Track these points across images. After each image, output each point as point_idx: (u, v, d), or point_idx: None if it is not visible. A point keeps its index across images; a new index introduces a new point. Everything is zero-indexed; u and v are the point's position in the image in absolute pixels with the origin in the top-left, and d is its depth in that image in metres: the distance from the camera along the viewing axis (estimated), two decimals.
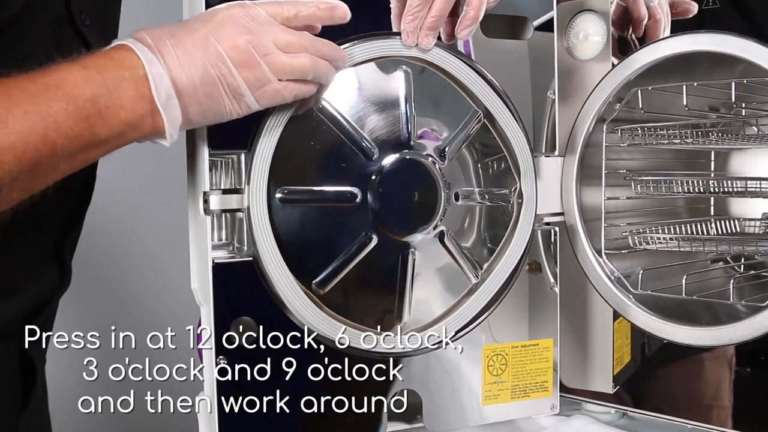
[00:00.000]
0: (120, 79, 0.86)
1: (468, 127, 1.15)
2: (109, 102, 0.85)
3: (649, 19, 1.25)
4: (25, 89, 0.82)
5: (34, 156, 0.81)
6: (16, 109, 0.80)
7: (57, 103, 0.82)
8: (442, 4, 1.05)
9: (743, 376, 1.18)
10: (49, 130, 0.82)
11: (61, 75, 0.84)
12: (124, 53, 0.87)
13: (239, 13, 0.93)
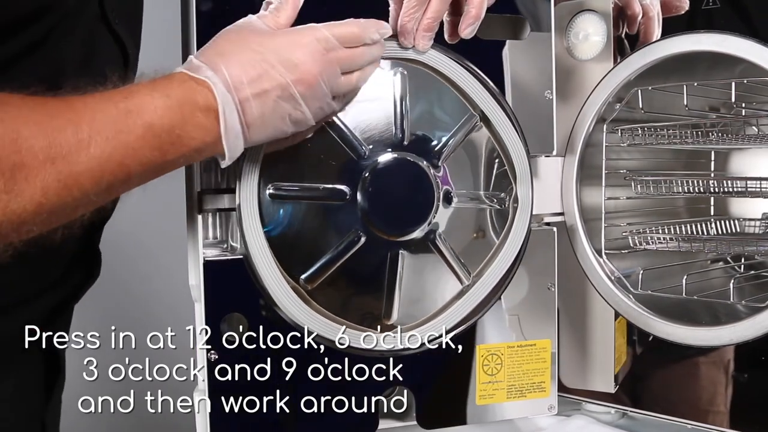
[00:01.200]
0: (195, 112, 0.89)
1: (463, 129, 1.15)
2: (182, 132, 0.89)
3: (643, 16, 1.24)
4: (108, 113, 0.85)
5: (110, 180, 0.85)
6: (98, 136, 0.83)
7: (136, 131, 0.86)
8: (438, 5, 1.05)
9: (743, 378, 1.17)
10: (126, 157, 0.85)
11: (142, 101, 0.87)
12: (203, 89, 0.90)
13: (313, 43, 0.96)
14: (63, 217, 0.86)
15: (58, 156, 0.81)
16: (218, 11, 1.01)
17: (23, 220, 0.81)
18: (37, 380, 1.12)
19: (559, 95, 1.22)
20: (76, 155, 0.82)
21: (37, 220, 0.82)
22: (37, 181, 0.80)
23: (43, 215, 0.82)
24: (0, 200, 0.79)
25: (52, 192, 0.81)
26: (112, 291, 1.17)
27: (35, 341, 1.09)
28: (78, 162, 0.82)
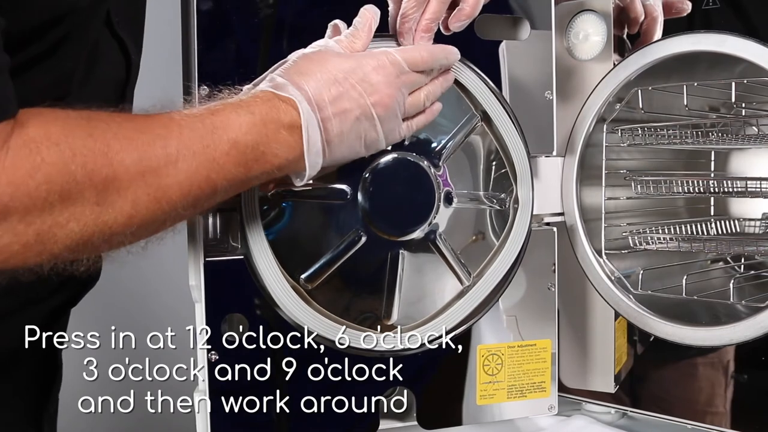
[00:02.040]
0: (279, 129, 0.92)
1: (464, 129, 1.15)
2: (267, 149, 0.91)
3: (646, 17, 1.24)
4: (195, 129, 0.87)
5: (197, 194, 0.87)
6: (186, 150, 0.85)
7: (222, 147, 0.88)
8: (436, 6, 1.05)
9: (743, 378, 1.17)
10: (213, 171, 0.87)
11: (228, 118, 0.89)
12: (287, 107, 0.93)
13: (388, 67, 1.00)
14: (152, 230, 0.88)
15: (148, 170, 0.83)
16: (218, 10, 1.01)
17: (114, 231, 0.82)
18: (36, 381, 1.12)
19: (559, 95, 1.22)
20: (165, 169, 0.84)
21: (127, 232, 0.84)
22: (128, 194, 0.82)
23: (134, 227, 0.84)
24: (92, 212, 0.80)
25: (142, 205, 0.83)
26: (112, 291, 1.17)
27: (34, 343, 1.09)
28: (167, 176, 0.84)
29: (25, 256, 0.79)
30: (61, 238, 0.79)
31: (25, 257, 0.80)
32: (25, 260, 0.80)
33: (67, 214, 0.79)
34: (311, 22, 1.06)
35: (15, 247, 0.78)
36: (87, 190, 0.80)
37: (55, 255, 0.81)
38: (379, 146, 1.01)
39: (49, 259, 0.82)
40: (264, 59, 1.03)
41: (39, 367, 1.11)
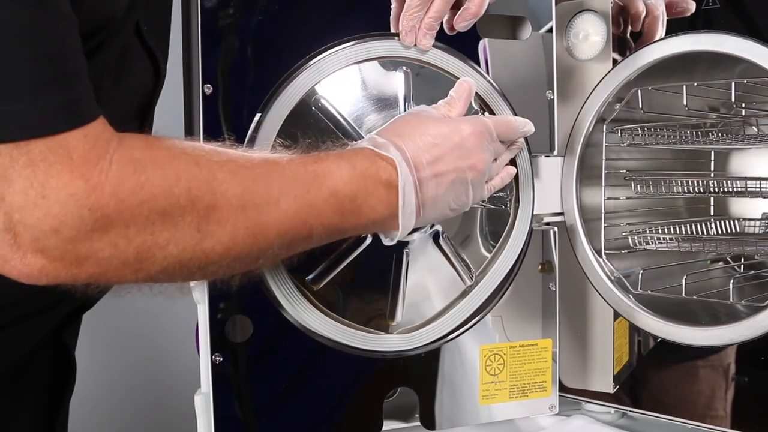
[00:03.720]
0: (377, 185, 0.95)
1: None
2: (363, 202, 0.94)
3: (647, 15, 1.24)
4: (298, 173, 0.90)
5: (293, 236, 0.89)
6: (287, 192, 0.88)
7: (321, 194, 0.90)
8: (440, 5, 1.06)
9: (742, 378, 1.17)
10: (311, 216, 0.89)
11: (329, 167, 0.92)
12: (387, 166, 0.96)
13: (484, 135, 1.04)
14: (245, 265, 0.89)
15: (249, 205, 0.84)
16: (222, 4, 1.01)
17: (210, 260, 0.83)
18: (50, 384, 1.12)
19: (559, 95, 1.22)
20: (266, 207, 0.85)
21: (222, 263, 0.85)
22: (228, 225, 0.83)
23: (229, 259, 0.85)
24: (192, 237, 0.81)
25: (240, 238, 0.84)
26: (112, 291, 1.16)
27: (49, 346, 1.09)
28: (267, 213, 0.86)
29: (123, 273, 0.79)
30: (159, 259, 0.80)
31: (122, 273, 0.80)
32: (122, 277, 0.80)
33: (168, 235, 0.79)
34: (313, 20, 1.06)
35: (115, 262, 0.78)
36: (189, 215, 0.80)
37: (152, 275, 0.81)
38: (465, 209, 1.05)
39: (144, 278, 0.82)
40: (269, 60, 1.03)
41: (53, 370, 1.11)
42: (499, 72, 1.17)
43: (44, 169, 0.73)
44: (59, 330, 1.08)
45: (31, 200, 0.73)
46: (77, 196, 0.74)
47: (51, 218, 0.74)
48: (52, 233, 0.74)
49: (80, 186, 0.74)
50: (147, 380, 1.79)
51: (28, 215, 0.73)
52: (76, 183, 0.74)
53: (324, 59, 1.05)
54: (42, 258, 0.75)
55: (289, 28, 1.04)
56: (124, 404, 1.80)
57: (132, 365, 1.75)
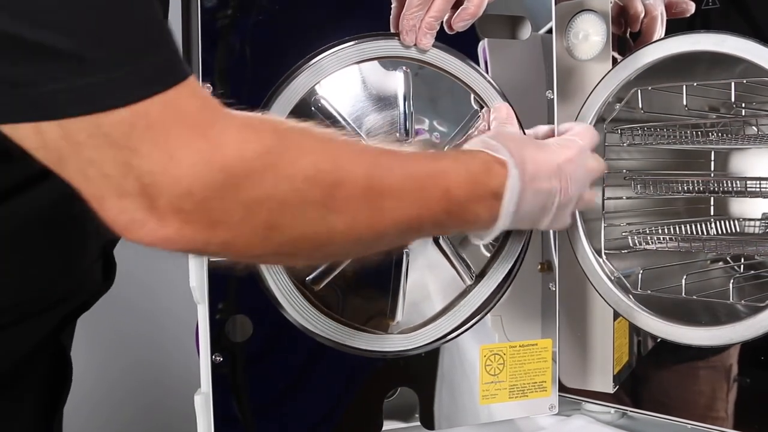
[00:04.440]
0: (486, 193, 0.96)
1: (467, 126, 1.15)
2: (470, 206, 0.95)
3: (646, 16, 1.24)
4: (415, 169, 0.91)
5: (405, 227, 0.90)
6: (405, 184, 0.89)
7: (435, 192, 0.91)
8: (441, 5, 1.06)
9: (742, 378, 1.17)
10: (423, 211, 0.91)
11: (445, 168, 0.94)
12: (498, 174, 0.97)
13: (580, 159, 1.07)
14: (363, 249, 0.91)
15: (372, 189, 0.85)
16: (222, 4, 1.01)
17: (332, 238, 0.83)
18: (48, 385, 1.12)
19: (559, 95, 1.22)
20: (386, 193, 0.86)
21: (343, 243, 0.85)
22: (352, 204, 0.83)
23: (350, 240, 0.85)
24: (317, 210, 0.81)
25: (362, 218, 0.85)
26: (112, 291, 1.16)
27: (47, 347, 1.09)
28: (386, 199, 0.86)
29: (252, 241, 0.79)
30: (287, 229, 0.79)
31: (252, 242, 0.79)
32: (251, 246, 0.80)
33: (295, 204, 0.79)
34: (313, 19, 1.06)
35: (245, 228, 0.77)
36: (315, 188, 0.80)
37: (277, 247, 0.81)
38: (540, 227, 1.06)
39: (271, 251, 0.82)
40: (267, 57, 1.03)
41: (50, 370, 1.11)
42: (499, 72, 1.17)
43: (165, 130, 0.72)
44: (57, 331, 1.08)
45: (160, 163, 0.72)
46: (203, 155, 0.73)
47: (182, 179, 0.73)
48: (185, 194, 0.73)
49: (203, 146, 0.74)
50: (147, 380, 1.79)
51: (160, 178, 0.72)
52: (198, 143, 0.74)
53: (324, 59, 1.05)
54: (178, 220, 0.74)
55: (289, 28, 1.04)
56: (124, 404, 1.80)
57: (131, 365, 1.75)
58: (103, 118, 0.70)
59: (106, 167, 0.72)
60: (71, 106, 0.70)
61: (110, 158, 0.71)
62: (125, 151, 0.71)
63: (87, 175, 0.73)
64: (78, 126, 0.70)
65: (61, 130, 0.70)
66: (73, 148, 0.71)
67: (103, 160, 0.72)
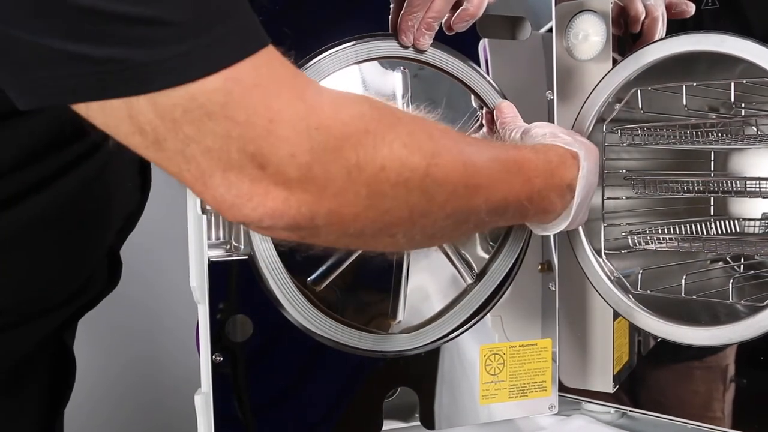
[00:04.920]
0: (562, 184, 1.01)
1: (467, 126, 1.15)
2: (546, 195, 0.99)
3: (647, 17, 1.24)
4: (500, 154, 0.94)
5: (494, 207, 0.92)
6: (492, 166, 0.91)
7: (519, 177, 0.95)
8: (440, 5, 1.06)
9: (741, 378, 1.17)
10: (509, 194, 0.93)
11: (527, 156, 0.98)
12: (572, 167, 1.03)
13: None
14: (456, 225, 0.90)
15: (466, 164, 0.86)
16: None
17: (431, 209, 0.84)
18: (51, 384, 1.12)
19: (558, 95, 1.23)
20: (479, 171, 0.88)
21: (440, 215, 0.86)
22: (449, 174, 0.84)
23: (446, 212, 0.86)
24: (418, 176, 0.80)
25: (459, 190, 0.85)
26: (116, 290, 1.16)
27: (50, 346, 1.09)
28: (479, 176, 0.88)
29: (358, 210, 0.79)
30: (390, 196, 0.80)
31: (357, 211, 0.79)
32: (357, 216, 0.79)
33: (396, 168, 0.79)
34: (313, 20, 1.06)
35: (350, 195, 0.77)
36: (415, 155, 0.80)
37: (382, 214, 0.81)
38: (573, 227, 1.10)
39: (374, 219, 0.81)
40: None
41: (53, 369, 1.12)
42: (499, 72, 1.17)
43: (261, 94, 0.71)
44: (60, 330, 1.09)
45: (262, 128, 0.71)
46: (302, 116, 0.73)
47: (285, 142, 0.72)
48: (289, 158, 0.72)
49: (301, 108, 0.73)
50: (147, 379, 1.79)
51: (264, 144, 0.71)
52: (296, 105, 0.73)
53: (323, 59, 1.05)
54: (284, 189, 0.74)
55: (289, 28, 1.04)
56: (124, 403, 1.81)
57: (132, 363, 1.75)
58: (196, 88, 0.69)
59: (207, 141, 0.71)
60: (162, 78, 0.68)
61: (209, 131, 0.70)
62: (224, 122, 0.70)
63: (187, 154, 0.71)
64: (172, 101, 0.69)
65: (154, 109, 0.69)
66: (169, 127, 0.70)
67: (203, 135, 0.70)
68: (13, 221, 0.91)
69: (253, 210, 0.74)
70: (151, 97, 0.68)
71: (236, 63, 0.70)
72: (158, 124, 0.69)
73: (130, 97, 0.68)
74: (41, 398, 1.10)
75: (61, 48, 0.66)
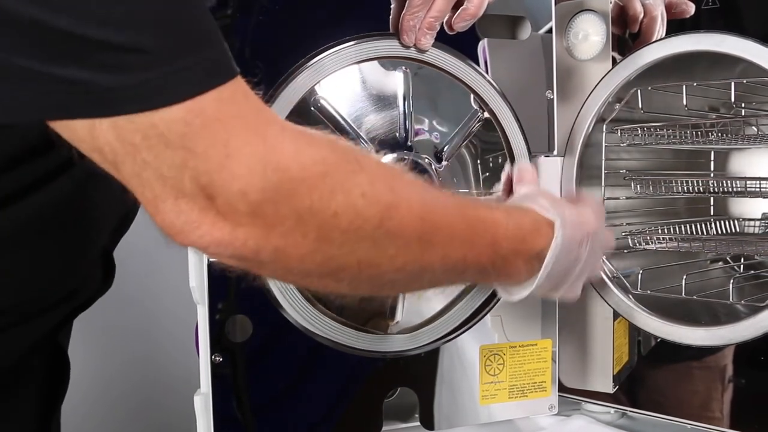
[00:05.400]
0: (529, 254, 0.96)
1: (467, 127, 1.15)
2: (511, 261, 0.95)
3: (645, 16, 1.24)
4: (466, 212, 0.91)
5: (452, 266, 0.89)
6: (455, 223, 0.88)
7: (483, 240, 0.91)
8: (441, 5, 1.06)
9: (742, 378, 1.17)
10: (469, 254, 0.90)
11: (496, 218, 0.94)
12: (545, 235, 0.97)
13: (601, 235, 1.07)
14: (407, 280, 0.88)
15: (426, 220, 0.84)
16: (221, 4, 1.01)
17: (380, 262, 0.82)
18: (46, 385, 1.12)
19: (558, 95, 1.22)
20: (439, 228, 0.86)
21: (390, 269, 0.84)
22: (405, 229, 0.82)
23: (397, 266, 0.84)
24: (371, 229, 0.80)
25: (412, 247, 0.84)
26: (112, 291, 1.16)
27: (45, 347, 1.09)
28: (437, 233, 0.86)
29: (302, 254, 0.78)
30: (338, 243, 0.79)
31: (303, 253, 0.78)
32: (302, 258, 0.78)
33: (349, 219, 0.78)
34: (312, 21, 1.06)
35: (298, 236, 0.76)
36: (372, 207, 0.79)
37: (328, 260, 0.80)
38: (555, 297, 1.07)
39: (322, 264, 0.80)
40: None
41: (48, 370, 1.11)
42: (499, 72, 1.17)
43: (221, 128, 0.72)
44: (55, 331, 1.08)
45: (217, 162, 0.71)
46: (259, 155, 0.73)
47: (238, 179, 0.72)
48: (240, 195, 0.72)
49: (260, 145, 0.73)
50: (145, 379, 1.79)
51: (216, 177, 0.71)
52: (255, 142, 0.73)
53: (324, 59, 1.05)
54: (232, 222, 0.74)
55: (289, 28, 1.04)
56: (122, 403, 1.81)
57: (130, 364, 1.75)
58: (158, 116, 0.69)
59: (162, 169, 0.71)
60: (126, 104, 0.69)
61: (166, 159, 0.71)
62: (181, 152, 0.71)
63: (142, 178, 0.72)
64: (132, 127, 0.69)
65: (115, 132, 0.70)
66: (128, 151, 0.71)
67: (159, 162, 0.71)
68: (8, 222, 0.91)
69: (199, 238, 0.74)
70: (113, 121, 0.69)
71: (200, 94, 0.71)
72: (117, 147, 0.71)
73: (92, 119, 0.69)
74: (36, 399, 1.10)
75: (28, 66, 0.67)
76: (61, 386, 1.16)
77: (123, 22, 0.68)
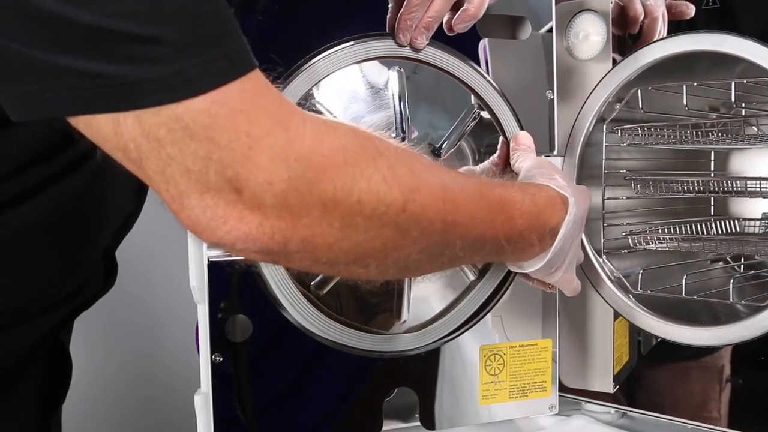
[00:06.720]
0: (545, 228, 0.99)
1: (464, 123, 1.15)
2: (527, 237, 0.97)
3: (646, 17, 1.24)
4: (484, 192, 0.93)
5: (472, 243, 0.91)
6: (474, 202, 0.90)
7: (501, 216, 0.93)
8: (440, 5, 1.06)
9: (742, 378, 1.17)
10: (488, 232, 0.92)
11: (513, 196, 0.96)
12: (560, 211, 1.01)
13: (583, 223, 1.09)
14: (431, 258, 0.90)
15: (446, 201, 0.86)
16: None
17: (405, 244, 0.84)
18: (47, 383, 1.12)
19: (558, 95, 1.22)
20: (459, 208, 0.88)
21: (415, 249, 0.85)
22: (427, 210, 0.83)
23: (421, 246, 0.85)
24: (395, 213, 0.81)
25: (435, 228, 0.85)
26: (116, 290, 1.16)
27: (47, 346, 1.09)
28: (457, 213, 0.87)
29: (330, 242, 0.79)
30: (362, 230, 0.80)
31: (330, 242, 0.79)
32: (329, 247, 0.80)
33: (372, 206, 0.79)
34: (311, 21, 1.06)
35: (324, 225, 0.77)
36: (394, 190, 0.80)
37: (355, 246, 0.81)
38: (552, 281, 1.08)
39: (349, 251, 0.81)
40: None
41: (49, 368, 1.12)
42: (499, 72, 1.17)
43: (245, 119, 0.72)
44: (56, 330, 1.09)
45: (241, 153, 0.72)
46: (282, 145, 0.73)
47: (263, 170, 0.72)
48: (266, 186, 0.73)
49: (282, 135, 0.74)
50: (146, 378, 1.79)
51: (241, 170, 0.72)
52: (278, 133, 0.73)
53: (323, 59, 1.05)
54: (258, 215, 0.74)
55: (289, 28, 1.04)
56: (122, 402, 1.81)
57: (131, 363, 1.75)
58: (183, 108, 0.70)
59: (187, 163, 0.71)
60: (152, 96, 0.69)
61: (191, 153, 0.71)
62: (206, 144, 0.71)
63: (167, 174, 0.72)
64: (157, 120, 0.70)
65: (140, 127, 0.70)
66: (152, 146, 0.71)
67: (184, 156, 0.71)
68: (13, 223, 0.91)
69: (227, 233, 0.75)
70: (138, 115, 0.69)
71: (224, 85, 0.71)
72: (142, 143, 0.71)
73: (117, 113, 0.70)
74: (38, 397, 1.10)
75: (52, 61, 0.68)
76: (62, 385, 1.16)
77: (148, 15, 0.68)
